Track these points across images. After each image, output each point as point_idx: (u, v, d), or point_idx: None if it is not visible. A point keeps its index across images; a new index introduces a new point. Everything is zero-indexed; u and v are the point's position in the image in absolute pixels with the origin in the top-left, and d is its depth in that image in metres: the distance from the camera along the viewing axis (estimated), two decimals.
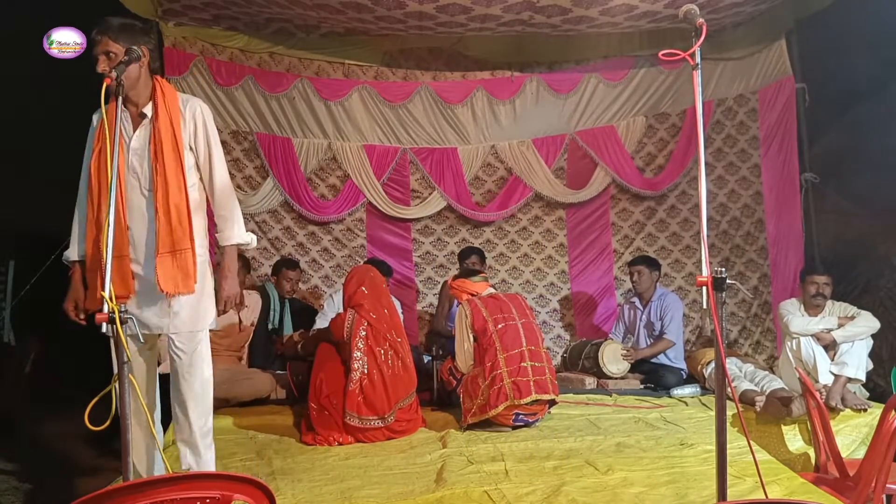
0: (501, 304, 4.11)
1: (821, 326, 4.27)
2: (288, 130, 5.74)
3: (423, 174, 5.99)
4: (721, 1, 4.83)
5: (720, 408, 2.10)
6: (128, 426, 2.09)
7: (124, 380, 2.11)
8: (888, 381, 4.47)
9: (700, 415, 4.20)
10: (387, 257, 5.79)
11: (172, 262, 2.63)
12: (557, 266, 6.17)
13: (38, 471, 4.62)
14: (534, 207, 6.17)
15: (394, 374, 3.83)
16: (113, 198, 2.23)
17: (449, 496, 2.81)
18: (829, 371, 4.17)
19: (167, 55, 5.26)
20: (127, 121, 2.69)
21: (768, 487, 2.70)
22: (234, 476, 1.65)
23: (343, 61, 5.77)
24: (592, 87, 5.94)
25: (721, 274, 2.08)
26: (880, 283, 4.84)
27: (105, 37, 2.60)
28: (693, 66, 2.24)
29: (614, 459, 3.28)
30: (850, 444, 3.87)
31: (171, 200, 2.63)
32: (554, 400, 4.03)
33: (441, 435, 3.81)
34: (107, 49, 2.59)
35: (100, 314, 2.10)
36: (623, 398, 4.66)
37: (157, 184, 2.63)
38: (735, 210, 5.86)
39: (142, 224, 2.66)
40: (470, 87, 5.90)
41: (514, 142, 6.03)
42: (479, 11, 4.82)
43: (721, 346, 2.09)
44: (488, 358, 3.89)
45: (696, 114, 2.18)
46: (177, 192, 2.65)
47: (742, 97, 5.81)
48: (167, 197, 2.63)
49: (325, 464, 3.35)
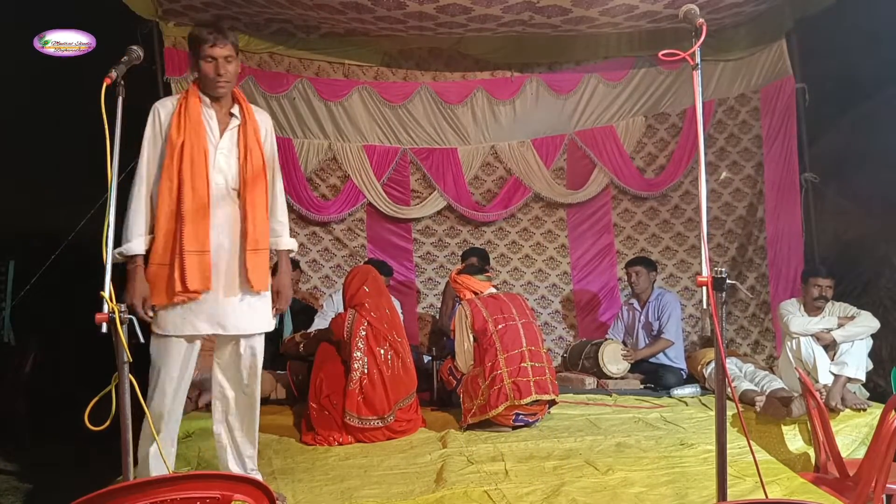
0: (502, 304, 4.11)
1: (821, 326, 4.26)
2: (288, 131, 5.74)
3: (423, 174, 5.99)
4: (721, 1, 4.83)
5: (720, 408, 2.10)
6: (128, 426, 2.09)
7: (124, 380, 2.11)
8: (888, 381, 4.47)
9: (700, 415, 4.20)
10: (387, 258, 5.80)
11: (257, 259, 2.69)
12: (559, 267, 6.17)
13: (38, 471, 4.62)
14: (534, 208, 6.17)
15: (394, 375, 3.83)
16: (114, 195, 2.21)
17: (449, 496, 2.81)
18: (829, 371, 4.16)
19: (167, 55, 5.24)
20: (212, 119, 2.70)
21: (768, 487, 2.70)
22: (234, 476, 1.66)
23: (343, 61, 5.77)
24: (592, 88, 5.94)
25: (721, 274, 2.08)
26: (880, 283, 4.84)
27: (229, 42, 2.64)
28: (693, 66, 2.24)
29: (614, 459, 3.28)
30: (850, 444, 3.87)
31: (257, 200, 2.70)
32: (554, 400, 4.03)
33: (441, 435, 3.81)
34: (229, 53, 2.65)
35: (99, 314, 2.09)
36: (623, 398, 4.66)
37: (246, 183, 2.69)
38: (741, 209, 5.85)
39: (226, 222, 2.68)
40: (470, 88, 5.90)
41: (513, 142, 6.03)
42: (479, 12, 4.82)
43: (721, 346, 2.10)
44: (488, 358, 3.89)
45: (697, 114, 2.18)
46: (261, 193, 2.73)
47: (744, 96, 5.81)
48: (254, 197, 2.69)
49: (325, 464, 3.36)
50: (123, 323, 2.10)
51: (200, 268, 2.58)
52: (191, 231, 2.56)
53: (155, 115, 2.69)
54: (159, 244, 2.61)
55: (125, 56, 2.45)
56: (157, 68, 5.20)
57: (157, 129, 2.68)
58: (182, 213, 2.58)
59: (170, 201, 2.60)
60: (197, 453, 3.56)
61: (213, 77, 2.64)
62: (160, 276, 2.60)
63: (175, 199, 2.60)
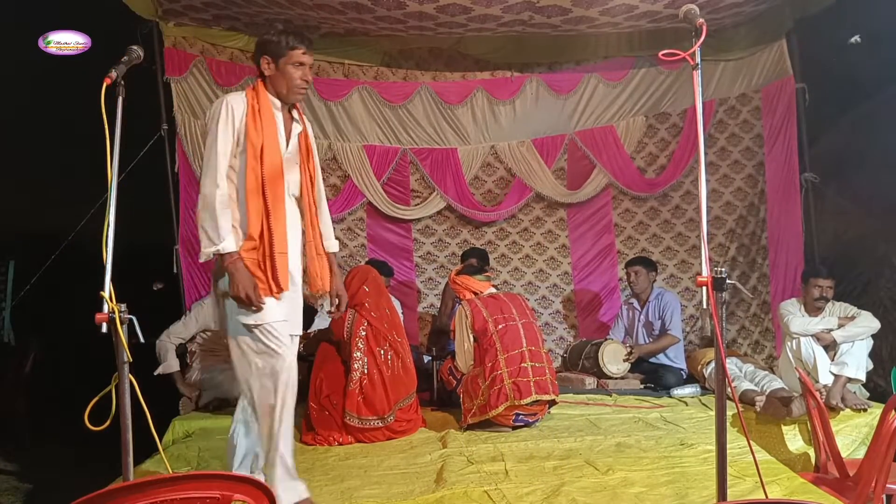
0: (502, 304, 4.11)
1: (821, 327, 4.26)
2: None
3: (422, 174, 5.99)
4: (721, 1, 4.83)
5: (720, 408, 2.10)
6: (128, 426, 2.09)
7: (124, 380, 2.11)
8: (888, 381, 4.47)
9: (700, 415, 4.20)
10: (387, 257, 5.80)
11: (322, 262, 2.81)
12: (560, 267, 6.16)
13: (38, 471, 4.62)
14: (535, 208, 6.16)
15: (394, 375, 3.83)
16: (114, 195, 2.21)
17: (449, 496, 2.81)
18: (829, 371, 4.16)
19: (167, 55, 5.25)
20: (281, 121, 2.72)
21: (768, 487, 2.70)
22: (234, 476, 1.66)
23: (343, 61, 5.77)
24: (592, 88, 5.94)
25: (721, 274, 2.08)
26: (880, 283, 4.84)
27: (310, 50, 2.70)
28: (693, 66, 2.24)
29: (614, 459, 3.28)
30: (850, 444, 3.87)
31: (316, 205, 2.80)
32: (554, 400, 4.03)
33: (441, 435, 3.81)
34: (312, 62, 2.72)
35: (99, 314, 2.09)
36: (623, 398, 4.66)
37: (307, 188, 2.77)
38: (742, 209, 5.85)
39: (293, 226, 2.72)
40: (470, 88, 5.90)
41: (513, 142, 6.03)
42: (478, 12, 4.82)
43: (721, 346, 2.10)
44: (489, 358, 3.89)
45: (697, 113, 2.18)
46: (319, 198, 2.83)
47: (745, 96, 5.80)
48: (313, 201, 2.78)
49: (325, 464, 3.36)
50: (123, 323, 2.10)
51: (282, 269, 2.62)
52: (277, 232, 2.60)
53: (228, 110, 2.64)
54: (249, 244, 2.61)
55: (125, 56, 2.45)
56: (157, 68, 5.21)
57: (230, 125, 2.64)
58: (268, 210, 2.60)
59: (257, 202, 2.60)
60: (197, 453, 3.57)
61: (298, 83, 2.68)
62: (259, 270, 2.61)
63: (262, 200, 2.61)
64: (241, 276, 2.54)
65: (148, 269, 5.42)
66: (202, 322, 4.69)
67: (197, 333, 4.71)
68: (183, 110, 5.37)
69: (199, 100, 5.42)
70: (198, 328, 4.69)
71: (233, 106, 2.64)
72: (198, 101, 5.42)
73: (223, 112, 2.62)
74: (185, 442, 3.83)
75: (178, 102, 5.34)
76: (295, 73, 2.67)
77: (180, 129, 5.35)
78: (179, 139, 5.36)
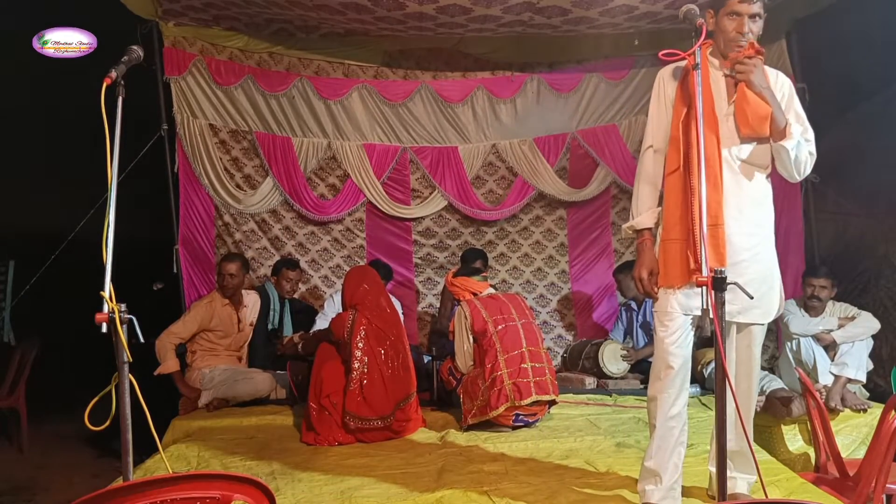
0: (501, 304, 4.11)
1: (821, 327, 4.26)
2: (287, 130, 5.73)
3: (423, 173, 5.98)
4: None
5: (720, 408, 2.10)
6: (128, 426, 2.09)
7: (124, 380, 2.11)
8: (888, 381, 4.47)
9: (700, 415, 4.19)
10: (387, 258, 5.79)
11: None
12: (558, 266, 6.16)
13: (37, 471, 4.63)
14: (535, 207, 6.16)
15: (394, 375, 3.83)
16: (114, 195, 2.20)
17: (449, 496, 2.81)
18: (829, 371, 4.16)
19: (167, 55, 5.25)
20: (720, 83, 2.57)
21: (768, 487, 2.70)
22: (234, 476, 1.65)
23: (343, 61, 5.77)
24: (594, 87, 5.93)
25: (721, 274, 2.08)
26: (880, 283, 4.83)
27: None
28: (693, 66, 2.24)
29: (614, 459, 3.28)
30: (850, 444, 3.87)
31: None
32: (554, 400, 4.03)
33: (441, 435, 3.81)
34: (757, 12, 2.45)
35: (99, 314, 2.08)
36: (623, 398, 4.66)
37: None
38: None
39: (732, 195, 2.52)
40: (470, 86, 5.89)
41: (515, 141, 6.02)
42: (478, 12, 4.82)
43: (721, 346, 2.10)
44: (488, 359, 3.89)
45: (697, 113, 2.19)
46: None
47: None
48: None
49: (325, 464, 3.36)
50: (123, 323, 2.09)
51: (713, 242, 2.40)
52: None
53: (660, 84, 2.60)
54: (678, 218, 2.47)
55: (125, 56, 2.45)
56: (157, 68, 5.21)
57: (662, 98, 2.60)
58: (692, 185, 2.41)
59: (681, 174, 2.47)
60: (197, 453, 3.57)
61: (732, 36, 2.46)
62: (676, 252, 2.48)
63: (684, 170, 2.46)
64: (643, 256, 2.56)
65: (148, 269, 5.42)
66: (202, 322, 4.69)
67: (197, 333, 4.71)
68: (183, 110, 5.37)
69: (199, 100, 5.42)
70: (198, 328, 4.69)
71: (664, 78, 2.68)
72: (197, 101, 5.42)
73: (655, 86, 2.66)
74: (185, 442, 3.83)
75: (177, 102, 5.34)
76: (728, 25, 2.48)
77: (180, 129, 5.35)
78: (179, 139, 5.36)
